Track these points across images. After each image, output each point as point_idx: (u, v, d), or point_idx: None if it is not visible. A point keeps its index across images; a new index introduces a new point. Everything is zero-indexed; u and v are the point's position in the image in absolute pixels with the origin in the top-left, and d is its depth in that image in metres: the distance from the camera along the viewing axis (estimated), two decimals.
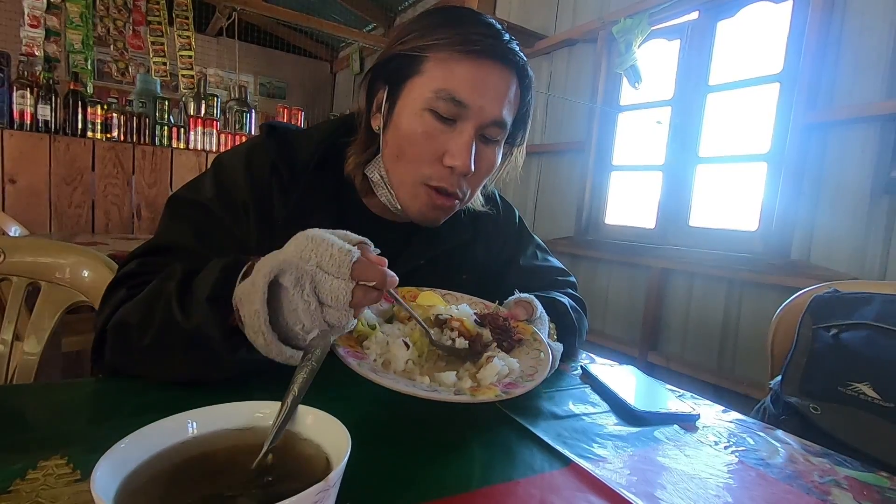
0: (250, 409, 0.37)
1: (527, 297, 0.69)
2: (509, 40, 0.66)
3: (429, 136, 0.64)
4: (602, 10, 2.51)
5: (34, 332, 0.82)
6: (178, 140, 2.63)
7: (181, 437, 0.33)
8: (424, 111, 0.63)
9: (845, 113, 1.63)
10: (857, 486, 0.47)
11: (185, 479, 0.31)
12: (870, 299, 0.96)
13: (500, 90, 0.64)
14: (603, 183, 2.59)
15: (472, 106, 0.62)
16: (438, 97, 0.62)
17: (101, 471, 0.27)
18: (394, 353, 0.53)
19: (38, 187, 2.24)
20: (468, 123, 0.63)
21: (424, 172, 0.66)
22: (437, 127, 0.63)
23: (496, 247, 0.88)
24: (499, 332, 0.61)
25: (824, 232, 1.68)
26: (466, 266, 0.83)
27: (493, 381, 0.53)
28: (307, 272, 0.44)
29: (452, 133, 0.64)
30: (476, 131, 0.64)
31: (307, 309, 0.44)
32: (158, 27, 3.07)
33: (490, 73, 0.63)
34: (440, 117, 0.63)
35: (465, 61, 0.62)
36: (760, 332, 1.78)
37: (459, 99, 0.62)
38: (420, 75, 0.64)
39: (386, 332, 0.56)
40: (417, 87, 0.64)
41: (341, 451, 0.31)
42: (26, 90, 2.23)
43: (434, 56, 0.63)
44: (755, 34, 2.02)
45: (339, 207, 0.72)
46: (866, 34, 1.60)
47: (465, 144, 0.63)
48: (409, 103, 0.64)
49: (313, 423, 0.36)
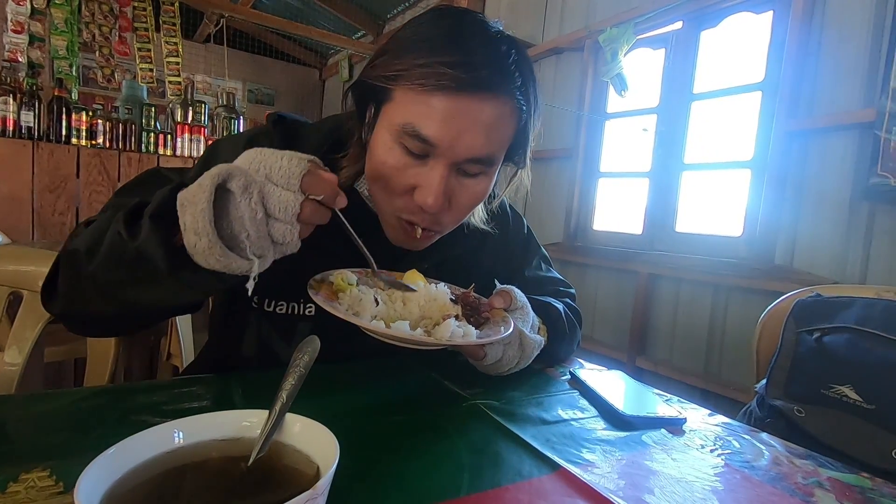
0: (238, 417, 0.37)
1: (507, 287, 0.69)
2: (502, 56, 0.58)
3: (398, 171, 0.59)
4: (588, 19, 2.54)
5: (16, 342, 0.81)
6: (164, 147, 2.61)
7: (168, 446, 0.32)
8: (394, 144, 0.59)
9: (825, 121, 1.67)
10: (840, 487, 0.47)
11: (172, 490, 0.31)
12: (851, 303, 0.98)
13: (478, 124, 0.57)
14: (591, 189, 2.61)
15: (440, 144, 0.56)
16: (405, 132, 0.57)
17: (86, 479, 0.27)
18: (364, 305, 0.57)
19: (21, 195, 2.20)
20: (439, 161, 0.58)
21: (396, 204, 0.63)
22: (407, 162, 0.59)
23: (504, 255, 0.87)
24: (468, 309, 0.63)
25: (807, 237, 1.72)
26: (474, 273, 0.78)
27: (447, 336, 0.56)
28: (256, 181, 0.43)
29: (423, 168, 0.59)
30: (449, 169, 0.59)
31: (253, 217, 0.42)
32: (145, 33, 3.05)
33: (464, 106, 0.55)
34: (410, 152, 0.58)
35: (435, 95, 0.55)
36: (746, 336, 1.80)
37: (425, 136, 0.56)
38: (391, 103, 0.59)
39: (362, 291, 0.60)
40: (389, 114, 0.59)
41: (329, 459, 0.31)
42: (9, 96, 2.20)
43: (401, 87, 0.57)
44: (737, 44, 2.06)
45: (345, 208, 0.71)
46: (844, 44, 1.65)
47: (433, 184, 0.58)
48: (382, 132, 0.60)
49: (301, 431, 0.36)
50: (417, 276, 0.66)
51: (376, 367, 0.72)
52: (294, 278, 0.64)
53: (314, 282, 0.59)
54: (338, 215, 0.51)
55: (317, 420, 0.36)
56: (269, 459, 0.34)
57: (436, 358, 0.77)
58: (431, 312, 0.61)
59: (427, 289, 0.63)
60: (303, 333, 0.69)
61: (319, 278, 0.60)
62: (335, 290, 0.59)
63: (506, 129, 0.61)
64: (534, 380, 0.72)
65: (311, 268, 0.63)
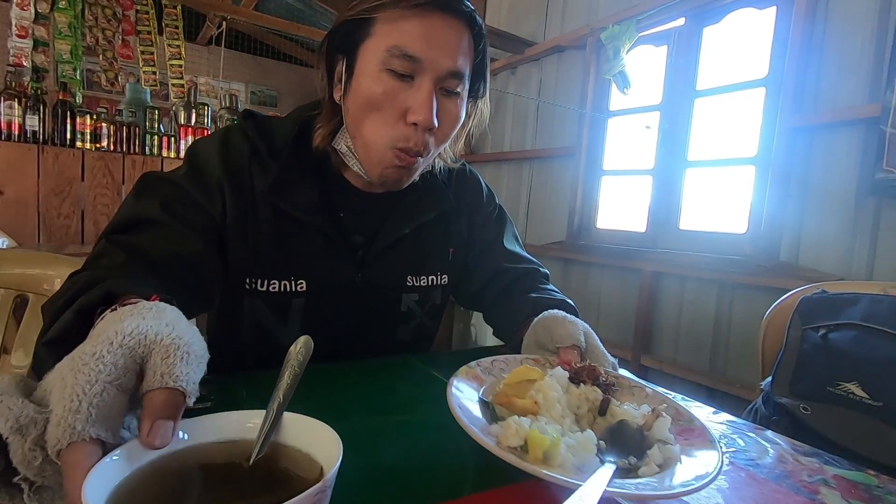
0: (241, 418, 0.37)
1: (572, 337, 0.63)
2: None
3: (389, 96, 0.64)
4: (590, 16, 2.54)
5: (22, 344, 0.81)
6: (168, 149, 2.62)
7: (171, 448, 0.33)
8: (381, 72, 0.64)
9: (830, 116, 1.66)
10: (846, 485, 0.47)
11: (176, 490, 0.31)
12: (857, 299, 0.97)
13: (453, 41, 0.65)
14: (594, 188, 2.61)
15: (425, 59, 0.63)
16: (392, 55, 0.63)
17: (92, 479, 0.27)
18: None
19: (27, 198, 2.22)
20: (425, 77, 0.64)
21: (390, 135, 0.66)
22: (395, 85, 0.64)
23: (478, 221, 0.90)
24: (603, 388, 0.53)
25: (812, 233, 1.71)
26: (452, 238, 0.85)
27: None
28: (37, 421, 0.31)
29: (411, 89, 0.64)
30: (434, 84, 0.64)
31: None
32: (148, 37, 3.06)
33: (439, 25, 0.64)
34: (397, 75, 0.63)
35: (413, 16, 0.63)
36: (751, 333, 1.80)
37: (412, 53, 0.62)
38: (372, 37, 0.65)
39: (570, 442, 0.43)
40: (371, 49, 0.65)
41: (333, 457, 0.31)
42: (14, 101, 2.21)
43: (382, 16, 0.64)
44: (740, 40, 2.05)
45: (323, 182, 0.73)
46: (848, 39, 1.63)
47: (424, 99, 0.63)
48: (366, 66, 0.65)
49: (303, 431, 0.36)
50: (526, 371, 0.53)
51: (377, 366, 0.72)
52: (282, 256, 0.70)
53: (495, 399, 0.49)
54: None
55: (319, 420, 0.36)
56: (273, 458, 0.34)
57: (436, 356, 0.77)
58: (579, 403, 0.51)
59: (549, 379, 0.51)
60: (297, 310, 0.72)
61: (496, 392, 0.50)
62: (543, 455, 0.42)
63: (470, 50, 0.68)
64: None
65: (294, 244, 0.69)
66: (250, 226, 0.69)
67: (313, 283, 0.72)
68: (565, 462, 0.41)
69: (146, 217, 0.62)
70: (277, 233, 0.70)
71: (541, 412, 0.46)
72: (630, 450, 0.44)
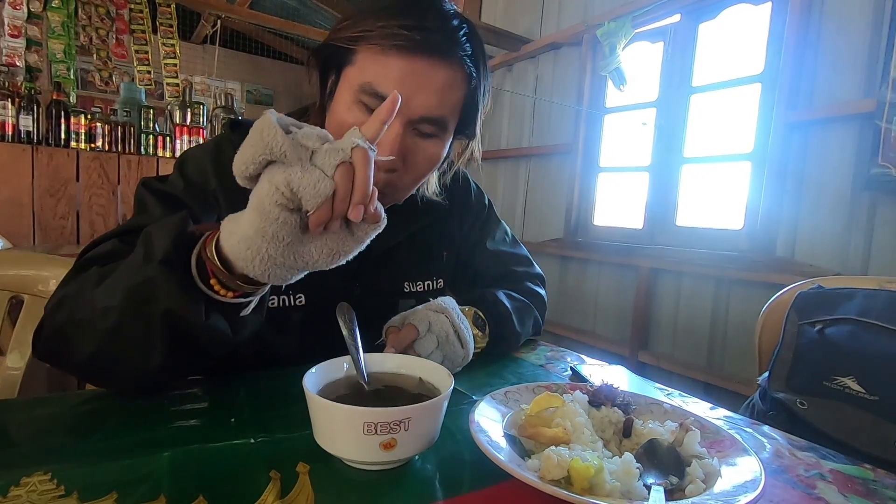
0: (338, 363, 0.52)
1: (412, 316, 0.66)
2: (454, 28, 0.63)
3: None
4: (586, 13, 2.53)
5: (17, 346, 0.81)
6: (163, 149, 2.61)
7: (340, 373, 0.52)
8: (353, 104, 0.62)
9: (825, 112, 1.66)
10: (842, 479, 0.47)
11: (344, 396, 0.48)
12: (852, 294, 0.98)
13: (431, 85, 0.61)
14: (591, 184, 2.61)
15: None
16: (363, 91, 0.61)
17: (308, 379, 0.45)
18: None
19: (21, 199, 2.20)
20: (395, 119, 0.59)
21: None
22: (364, 119, 0.61)
23: (468, 222, 0.90)
24: (622, 408, 0.52)
25: (808, 229, 1.71)
26: (445, 242, 0.85)
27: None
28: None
29: None
30: (405, 126, 0.62)
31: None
32: (142, 35, 3.04)
33: (421, 68, 0.60)
34: (369, 110, 0.61)
35: (392, 55, 0.60)
36: (748, 328, 1.80)
37: (383, 94, 0.59)
38: (352, 66, 0.63)
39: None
40: (349, 77, 0.63)
41: (446, 382, 0.48)
42: (7, 101, 2.20)
43: (364, 47, 0.61)
44: (736, 36, 2.05)
45: None
46: (843, 34, 1.64)
47: (389, 139, 0.60)
48: (343, 93, 0.64)
49: (419, 365, 0.54)
50: (546, 399, 0.50)
51: None
52: None
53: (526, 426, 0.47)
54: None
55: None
56: (390, 384, 0.52)
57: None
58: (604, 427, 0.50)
59: (570, 405, 0.50)
60: (296, 324, 0.71)
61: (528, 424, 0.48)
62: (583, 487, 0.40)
63: (456, 94, 0.65)
64: (535, 376, 0.72)
65: None
66: None
67: (312, 296, 0.71)
68: (613, 490, 0.39)
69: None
70: None
71: (572, 440, 0.45)
72: (667, 468, 0.43)
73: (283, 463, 0.42)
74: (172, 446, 0.43)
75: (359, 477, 0.41)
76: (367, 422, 0.39)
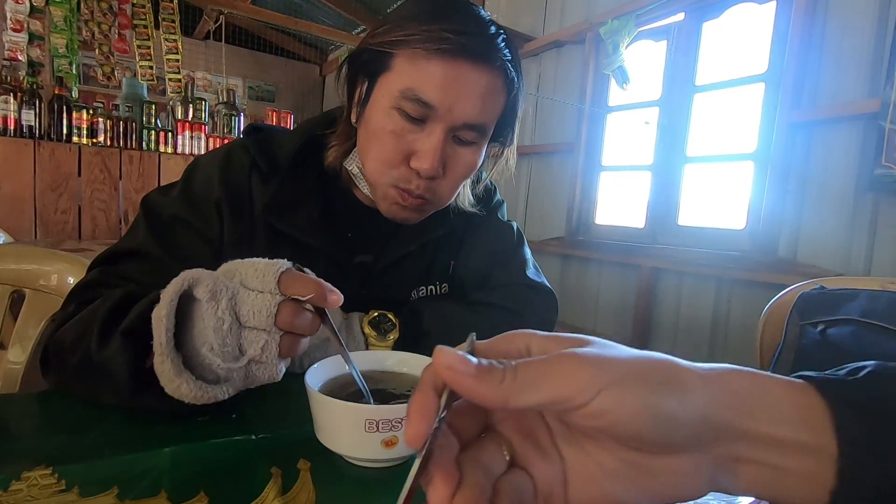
0: (336, 361, 0.48)
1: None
2: (493, 34, 0.61)
3: (396, 136, 0.61)
4: (589, 11, 2.53)
5: (19, 340, 0.81)
6: (165, 144, 2.61)
7: (341, 370, 0.48)
8: (392, 109, 0.60)
9: (829, 112, 1.66)
10: None
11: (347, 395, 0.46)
12: (855, 295, 0.98)
13: (474, 91, 0.60)
14: (593, 183, 2.60)
15: (440, 107, 0.58)
16: (405, 96, 0.59)
17: (311, 373, 0.44)
18: None
19: (23, 194, 2.21)
20: (437, 125, 0.60)
21: (391, 173, 0.63)
22: (405, 126, 0.60)
23: (479, 252, 0.83)
24: None
25: (810, 229, 1.71)
26: (454, 251, 0.81)
27: None
28: (227, 287, 0.40)
29: (421, 133, 0.61)
30: (446, 133, 0.60)
31: (219, 327, 0.39)
32: (144, 31, 3.04)
33: (464, 73, 0.59)
34: (409, 116, 0.60)
35: (435, 60, 0.58)
36: (749, 329, 1.80)
37: (426, 100, 0.58)
38: (390, 72, 0.61)
39: None
40: (387, 83, 0.61)
41: None
42: (9, 95, 2.20)
43: (402, 52, 0.59)
44: (740, 35, 2.05)
45: (326, 198, 0.70)
46: (848, 34, 1.63)
47: (432, 147, 0.60)
48: (380, 99, 0.62)
49: (422, 364, 0.48)
50: None
51: None
52: None
53: None
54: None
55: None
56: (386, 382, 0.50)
57: None
58: None
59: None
60: None
61: None
62: None
63: (497, 100, 0.63)
64: None
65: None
66: (247, 247, 0.66)
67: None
68: None
69: (143, 251, 0.60)
70: (276, 254, 0.60)
71: None
72: None
73: (284, 459, 0.42)
74: (173, 442, 0.43)
75: (360, 474, 0.41)
76: (368, 419, 0.39)
